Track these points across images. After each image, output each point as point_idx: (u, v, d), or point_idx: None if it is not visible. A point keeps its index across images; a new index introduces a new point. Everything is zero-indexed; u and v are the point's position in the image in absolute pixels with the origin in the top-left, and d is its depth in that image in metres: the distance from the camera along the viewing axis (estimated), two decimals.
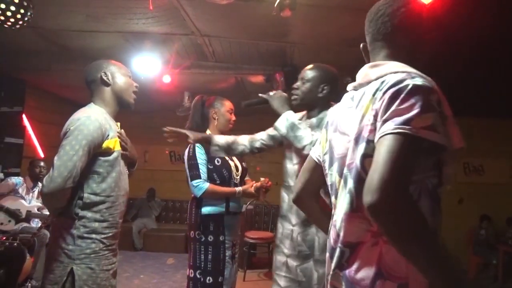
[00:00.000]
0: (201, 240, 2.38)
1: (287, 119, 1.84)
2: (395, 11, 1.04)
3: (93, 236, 1.63)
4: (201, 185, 2.38)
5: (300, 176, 1.31)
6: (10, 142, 4.56)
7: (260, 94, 2.04)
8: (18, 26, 2.84)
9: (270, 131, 2.11)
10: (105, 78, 1.77)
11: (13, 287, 3.44)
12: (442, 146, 0.87)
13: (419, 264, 0.82)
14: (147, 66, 4.16)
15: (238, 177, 2.54)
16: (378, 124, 0.91)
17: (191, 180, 2.41)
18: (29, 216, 3.98)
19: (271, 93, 1.98)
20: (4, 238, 3.44)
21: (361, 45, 1.15)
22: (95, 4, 3.20)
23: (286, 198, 2.00)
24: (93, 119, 1.63)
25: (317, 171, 1.23)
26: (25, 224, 3.97)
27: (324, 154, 1.19)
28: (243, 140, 2.14)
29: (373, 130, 0.93)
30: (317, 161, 1.23)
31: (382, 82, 0.97)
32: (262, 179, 2.52)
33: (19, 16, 2.77)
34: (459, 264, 1.08)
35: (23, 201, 4.04)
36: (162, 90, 5.03)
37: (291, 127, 1.82)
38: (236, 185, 2.51)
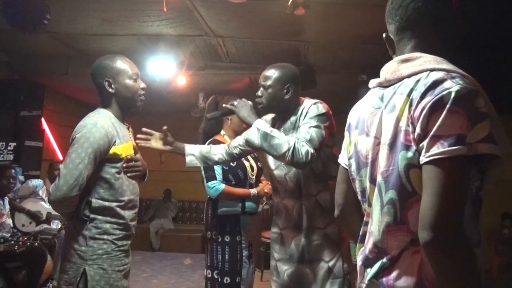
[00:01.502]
0: (217, 240, 2.38)
1: (258, 129, 1.74)
2: None
3: (105, 237, 1.64)
4: (217, 186, 2.38)
5: (337, 190, 1.22)
6: (30, 145, 4.66)
7: (224, 105, 1.99)
8: (36, 32, 2.90)
9: (246, 133, 2.01)
10: (108, 87, 1.72)
11: (35, 287, 3.52)
12: (498, 156, 0.80)
13: None
14: (162, 68, 4.20)
15: (254, 177, 2.53)
16: (418, 133, 0.84)
17: (207, 182, 2.41)
18: (49, 217, 4.06)
19: (235, 103, 1.90)
20: (26, 239, 3.51)
21: (384, 36, 1.06)
22: (110, 8, 3.24)
23: (274, 202, 2.01)
24: (99, 126, 1.62)
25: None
26: (45, 226, 4.05)
27: (349, 159, 1.11)
28: (219, 149, 2.12)
29: (413, 138, 0.86)
30: (346, 168, 1.15)
31: (418, 81, 0.88)
32: (266, 190, 2.52)
33: (36, 21, 2.83)
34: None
35: (43, 203, 4.12)
36: (177, 92, 5.07)
37: (264, 137, 1.71)
38: (251, 185, 2.50)
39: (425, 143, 0.82)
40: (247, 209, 2.43)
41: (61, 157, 5.52)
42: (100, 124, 1.63)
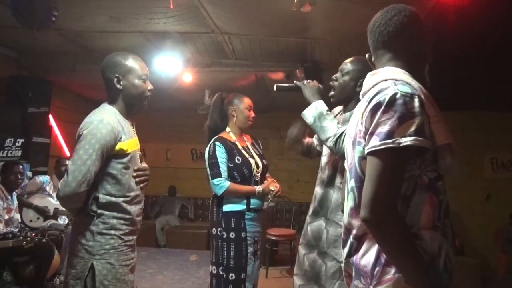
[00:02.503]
0: (223, 237, 2.39)
1: (316, 108, 1.82)
2: (389, 20, 1.13)
3: (112, 232, 1.66)
4: (222, 183, 2.39)
5: (342, 189, 1.36)
6: (38, 141, 4.69)
7: (295, 81, 2.01)
8: (43, 29, 2.92)
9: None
10: (116, 83, 1.73)
11: (43, 282, 3.55)
12: (426, 148, 0.97)
13: (401, 268, 0.98)
14: (168, 65, 4.20)
15: (259, 174, 2.53)
16: (363, 131, 1.04)
17: (212, 179, 2.42)
18: (57, 213, 4.10)
19: (305, 82, 1.95)
20: (34, 234, 3.55)
21: (367, 56, 1.25)
22: (117, 5, 3.25)
23: (316, 190, 2.04)
24: (105, 123, 1.63)
25: None
26: (53, 221, 4.09)
27: (346, 161, 1.28)
28: (314, 144, 2.23)
29: (362, 136, 1.05)
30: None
31: (373, 90, 1.07)
32: (272, 188, 2.53)
33: (44, 18, 2.85)
34: (434, 272, 1.15)
35: (50, 198, 4.16)
36: (183, 89, 5.08)
37: (319, 116, 1.79)
38: (256, 182, 2.51)
39: (366, 138, 1.02)
40: (252, 206, 2.44)
41: (68, 153, 5.56)
42: (107, 120, 1.65)
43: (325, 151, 1.98)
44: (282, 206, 6.18)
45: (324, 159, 2.00)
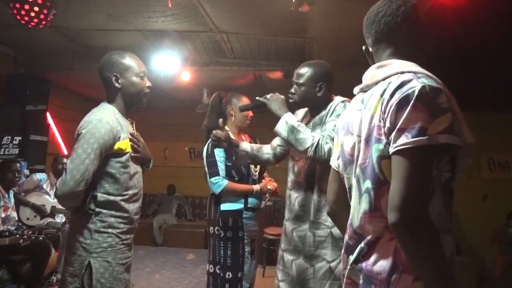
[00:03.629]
0: (220, 235, 2.40)
1: (286, 122, 1.82)
2: (396, 10, 1.07)
3: (109, 230, 1.66)
4: (220, 182, 2.39)
5: (329, 188, 1.31)
6: (35, 139, 4.68)
7: (257, 98, 2.03)
8: (41, 27, 2.92)
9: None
10: (114, 82, 1.74)
11: (39, 280, 3.55)
12: (459, 146, 0.90)
13: (426, 275, 0.90)
14: (167, 64, 4.20)
15: (257, 173, 2.54)
16: (387, 127, 0.95)
17: (210, 177, 2.42)
18: (54, 211, 4.09)
19: (268, 96, 1.96)
20: (31, 232, 3.55)
21: (363, 48, 1.19)
22: (116, 3, 3.25)
23: (291, 195, 2.02)
24: (104, 122, 1.64)
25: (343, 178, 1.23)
26: (50, 219, 4.08)
27: (338, 159, 1.22)
28: (267, 149, 2.18)
29: (384, 132, 0.97)
30: (336, 169, 1.24)
31: (390, 83, 0.99)
32: (269, 187, 2.54)
33: (42, 16, 2.84)
34: (453, 279, 1.15)
35: (47, 196, 4.15)
36: (181, 88, 5.07)
37: (291, 130, 1.80)
38: (254, 181, 2.51)
39: (393, 135, 0.93)
40: (249, 205, 2.44)
41: (65, 151, 5.55)
42: (106, 119, 1.65)
43: (297, 156, 1.98)
44: (280, 205, 6.18)
45: (296, 164, 1.98)
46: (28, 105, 4.62)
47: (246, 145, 2.16)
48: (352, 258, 1.07)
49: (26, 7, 2.79)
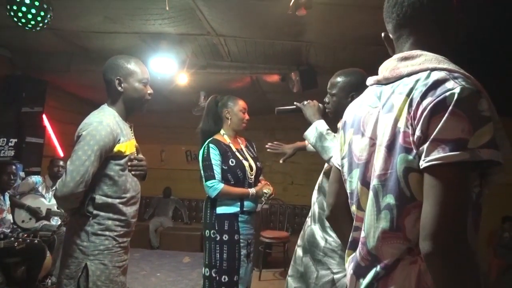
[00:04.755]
0: (216, 239, 2.39)
1: (316, 128, 1.85)
2: None
3: (107, 233, 1.67)
4: (216, 185, 2.39)
5: (329, 190, 1.19)
6: (31, 141, 4.66)
7: (295, 103, 2.04)
8: (38, 28, 2.91)
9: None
10: (117, 85, 1.75)
11: (34, 283, 3.53)
12: (500, 163, 0.77)
13: None
14: (164, 66, 4.20)
15: (253, 176, 2.54)
16: (417, 136, 0.80)
17: (206, 181, 2.42)
18: (49, 214, 4.07)
19: (305, 102, 1.98)
20: (26, 235, 3.52)
21: (383, 35, 1.03)
22: (113, 6, 3.25)
23: (316, 196, 2.05)
24: (104, 124, 1.65)
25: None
26: (45, 222, 4.06)
27: (342, 158, 1.07)
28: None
29: (412, 140, 0.82)
30: (339, 167, 1.10)
31: (418, 81, 0.84)
32: (265, 191, 2.53)
33: (39, 18, 2.84)
34: None
35: (43, 199, 4.13)
36: (178, 90, 5.07)
37: (320, 137, 1.82)
38: (250, 185, 2.51)
39: (425, 146, 0.78)
40: (245, 209, 2.45)
41: (61, 154, 5.53)
42: (106, 122, 1.67)
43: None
44: (276, 208, 6.18)
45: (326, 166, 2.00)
46: (24, 107, 4.61)
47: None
48: (364, 282, 0.92)
49: (23, 9, 2.79)
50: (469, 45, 3.35)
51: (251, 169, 2.54)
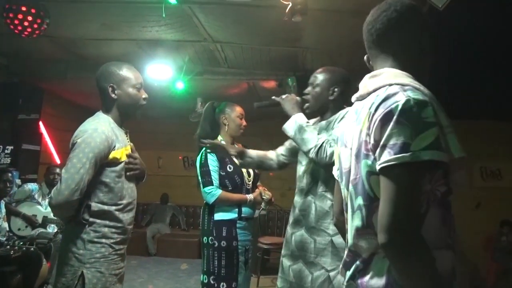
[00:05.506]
0: (214, 245, 2.38)
1: (295, 122, 1.83)
2: (377, 16, 1.06)
3: (103, 240, 1.65)
4: (214, 192, 2.38)
5: (334, 199, 1.31)
6: (28, 149, 4.65)
7: (273, 97, 2.03)
8: (35, 36, 2.92)
9: (287, 143, 2.13)
10: (111, 93, 1.74)
11: None
12: (444, 163, 0.87)
13: None
14: (161, 73, 4.21)
15: (250, 182, 2.54)
16: (372, 143, 0.93)
17: (204, 187, 2.41)
18: (45, 221, 4.04)
19: (283, 96, 1.97)
20: (22, 243, 3.50)
21: (365, 57, 1.16)
22: (110, 13, 3.26)
23: (295, 200, 2.02)
24: (99, 132, 1.64)
25: None
26: (41, 230, 4.03)
27: (337, 170, 1.19)
28: (272, 155, 2.18)
29: (370, 148, 0.94)
30: (337, 178, 1.21)
31: (377, 96, 0.97)
32: (264, 197, 2.53)
33: (36, 26, 2.84)
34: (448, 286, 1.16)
35: (39, 206, 4.11)
36: (175, 96, 5.07)
37: (299, 129, 1.80)
38: (248, 191, 2.51)
39: (377, 152, 0.90)
40: (243, 215, 2.44)
41: (58, 161, 5.51)
42: (101, 129, 1.66)
43: (303, 160, 1.98)
44: (274, 214, 6.17)
45: (301, 168, 1.98)
46: (20, 114, 4.60)
47: (252, 152, 2.16)
48: (348, 274, 1.06)
49: (20, 16, 2.79)
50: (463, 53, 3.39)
51: (249, 175, 2.54)
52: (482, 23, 2.85)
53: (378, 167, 0.90)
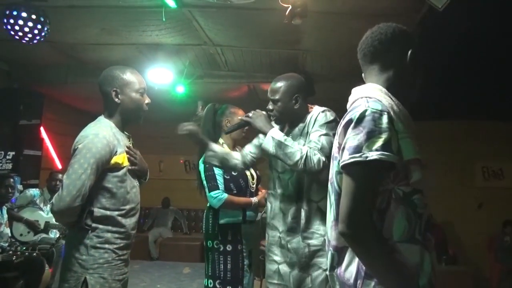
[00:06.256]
0: (219, 249, 2.37)
1: (272, 138, 1.80)
2: (364, 40, 1.20)
3: (106, 246, 1.64)
4: (220, 196, 2.36)
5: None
6: (29, 154, 4.65)
7: (239, 117, 2.03)
8: (35, 42, 2.92)
9: (255, 141, 2.09)
10: (114, 97, 1.73)
11: None
12: (393, 163, 0.99)
13: (382, 281, 0.99)
14: (161, 77, 4.21)
15: (254, 185, 2.53)
16: (337, 147, 1.09)
17: (210, 191, 2.39)
18: (48, 227, 4.04)
19: (250, 114, 1.95)
20: (24, 248, 3.49)
21: (363, 75, 1.27)
22: (110, 18, 3.26)
23: (269, 206, 2.02)
24: (101, 137, 1.63)
25: None
26: (43, 235, 4.03)
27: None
28: (236, 155, 2.13)
29: (337, 151, 1.10)
30: None
31: (350, 107, 1.13)
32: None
33: (36, 31, 2.85)
34: (415, 285, 1.18)
35: (41, 212, 4.10)
36: (175, 100, 5.08)
37: (279, 145, 1.78)
38: (252, 193, 2.50)
39: (340, 153, 1.06)
40: (248, 218, 2.43)
41: (60, 166, 5.51)
42: (102, 134, 1.64)
43: (279, 168, 1.97)
44: None
45: (283, 176, 1.97)
46: (21, 120, 4.61)
47: (216, 147, 2.10)
48: (328, 264, 1.16)
49: (20, 22, 2.80)
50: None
51: (253, 177, 2.53)
52: (483, 23, 2.85)
53: (340, 166, 1.05)
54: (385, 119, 1.01)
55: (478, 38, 3.14)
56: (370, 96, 1.09)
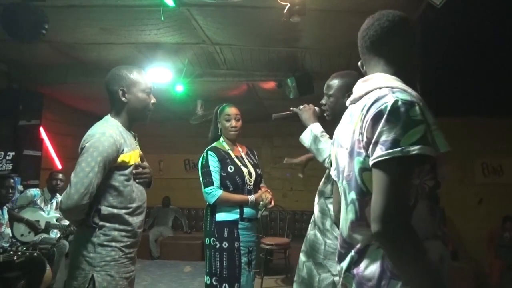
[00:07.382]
0: (216, 246, 2.39)
1: (311, 131, 1.87)
2: (371, 25, 1.15)
3: (113, 244, 1.66)
4: (214, 192, 2.40)
5: (333, 199, 1.38)
6: (29, 154, 4.65)
7: (291, 108, 2.06)
8: (34, 42, 2.92)
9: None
10: (121, 96, 1.76)
11: None
12: (431, 157, 0.94)
13: (412, 283, 0.94)
14: (160, 76, 4.21)
15: (252, 183, 2.53)
16: (365, 141, 1.00)
17: (204, 188, 2.44)
18: (48, 227, 4.05)
19: (301, 107, 2.00)
20: (25, 249, 3.50)
21: (359, 63, 1.24)
22: (108, 17, 3.26)
23: (315, 200, 2.06)
24: (107, 135, 1.65)
25: None
26: (44, 235, 4.04)
27: (335, 169, 1.25)
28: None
29: (363, 146, 1.02)
30: (335, 178, 1.27)
31: (369, 98, 1.05)
32: (265, 199, 2.53)
33: (34, 31, 2.85)
34: (443, 285, 1.19)
35: (42, 212, 4.11)
36: (175, 99, 5.08)
37: (314, 139, 1.84)
38: (249, 191, 2.51)
39: (370, 149, 0.98)
40: (245, 216, 2.44)
41: (59, 166, 5.51)
42: (109, 133, 1.67)
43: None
44: (276, 214, 6.17)
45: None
46: (21, 120, 4.60)
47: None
48: (344, 265, 1.11)
49: (19, 22, 2.79)
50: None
51: (250, 175, 2.54)
52: (482, 20, 2.86)
53: (371, 163, 0.96)
54: (418, 110, 0.95)
55: (477, 34, 3.15)
56: (392, 86, 1.03)
